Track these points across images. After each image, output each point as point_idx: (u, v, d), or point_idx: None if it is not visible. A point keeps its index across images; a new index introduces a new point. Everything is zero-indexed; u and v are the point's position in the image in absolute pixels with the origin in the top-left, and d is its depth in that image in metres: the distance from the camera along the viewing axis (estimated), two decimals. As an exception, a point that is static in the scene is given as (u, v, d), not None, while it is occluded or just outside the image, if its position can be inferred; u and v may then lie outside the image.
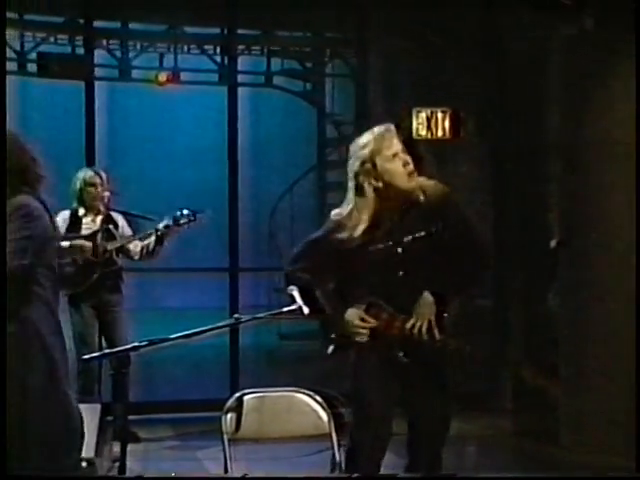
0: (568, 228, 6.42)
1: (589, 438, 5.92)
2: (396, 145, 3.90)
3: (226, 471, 3.85)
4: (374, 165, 3.88)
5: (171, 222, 6.09)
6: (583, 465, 5.64)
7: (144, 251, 6.23)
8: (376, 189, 3.89)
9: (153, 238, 6.14)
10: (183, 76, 7.70)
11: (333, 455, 3.93)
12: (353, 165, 3.92)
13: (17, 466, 3.37)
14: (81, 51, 7.49)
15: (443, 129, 6.98)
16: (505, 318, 7.38)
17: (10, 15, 7.33)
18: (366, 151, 3.89)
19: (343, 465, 3.92)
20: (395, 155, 3.89)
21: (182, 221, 6.10)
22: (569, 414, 6.21)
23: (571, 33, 6.08)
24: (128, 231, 6.36)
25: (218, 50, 7.83)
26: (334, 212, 4.00)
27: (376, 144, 3.89)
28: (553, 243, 6.79)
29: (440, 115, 6.97)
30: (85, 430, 3.72)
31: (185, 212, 6.10)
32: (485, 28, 7.26)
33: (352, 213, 3.91)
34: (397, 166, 3.88)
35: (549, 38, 6.51)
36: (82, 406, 5.40)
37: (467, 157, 7.12)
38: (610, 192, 5.98)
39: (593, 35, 5.92)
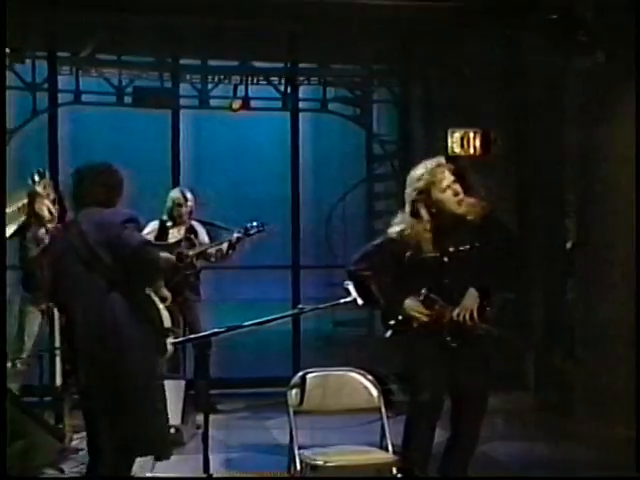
0: (582, 231, 6.38)
1: (599, 412, 5.90)
2: (448, 178, 3.98)
3: (291, 438, 3.93)
4: (429, 195, 3.97)
5: (242, 232, 6.26)
6: (593, 435, 5.63)
7: (219, 255, 6.39)
8: (430, 213, 3.98)
9: (226, 245, 6.30)
10: (253, 104, 7.77)
11: (382, 425, 4.00)
12: (410, 194, 4.01)
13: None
14: (169, 85, 7.63)
15: (474, 147, 6.97)
16: (529, 309, 7.34)
17: (110, 57, 7.52)
18: (421, 183, 3.98)
19: (389, 434, 3.98)
20: (448, 187, 3.97)
21: (252, 232, 6.26)
22: (583, 391, 6.19)
23: (586, 65, 6.07)
24: (206, 238, 6.50)
25: (282, 81, 7.93)
26: (390, 230, 4.07)
27: (430, 177, 3.97)
28: (569, 245, 6.76)
29: (472, 135, 6.95)
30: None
31: (255, 224, 6.26)
32: (510, 61, 7.24)
33: (407, 232, 3.98)
34: (449, 196, 3.97)
35: (567, 69, 6.49)
36: (169, 382, 5.56)
37: (495, 170, 7.10)
38: (618, 200, 5.95)
39: (604, 66, 5.91)
